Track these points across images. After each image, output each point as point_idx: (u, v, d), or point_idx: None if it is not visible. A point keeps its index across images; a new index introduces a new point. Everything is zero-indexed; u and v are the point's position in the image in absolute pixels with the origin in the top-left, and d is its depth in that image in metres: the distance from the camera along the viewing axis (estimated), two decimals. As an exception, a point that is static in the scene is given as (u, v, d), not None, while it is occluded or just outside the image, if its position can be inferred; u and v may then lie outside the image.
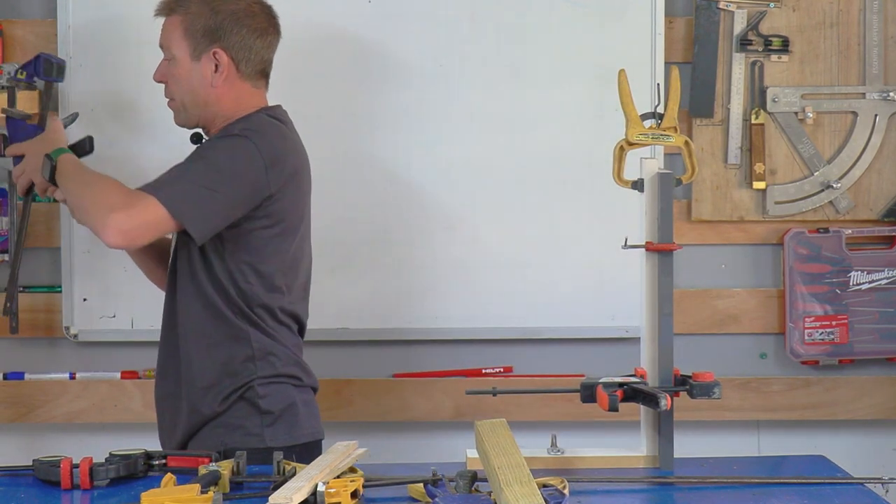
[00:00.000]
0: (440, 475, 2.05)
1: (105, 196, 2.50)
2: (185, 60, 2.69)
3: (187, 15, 2.68)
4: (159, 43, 2.74)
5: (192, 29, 2.67)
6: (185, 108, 2.71)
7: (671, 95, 2.29)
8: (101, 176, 2.60)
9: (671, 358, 2.23)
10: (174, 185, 2.51)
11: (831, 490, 2.11)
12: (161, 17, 2.73)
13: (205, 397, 2.59)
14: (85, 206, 2.53)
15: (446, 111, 3.35)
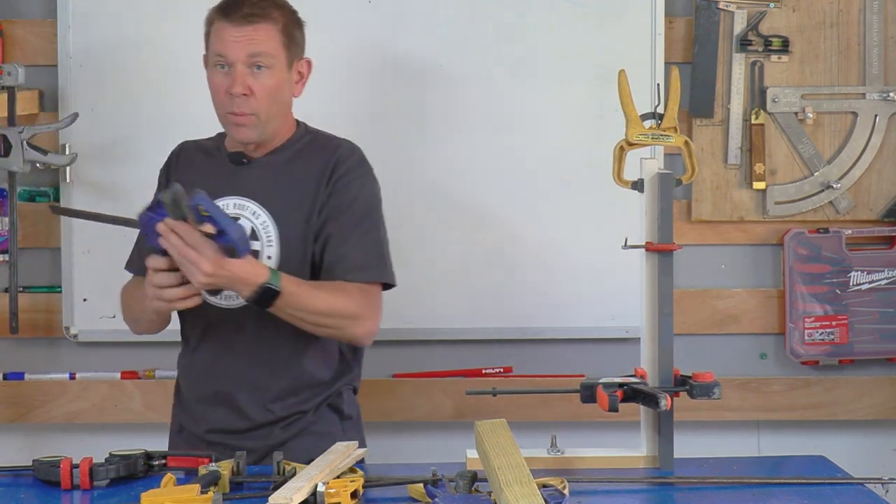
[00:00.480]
0: (440, 475, 2.05)
1: (343, 307, 2.45)
2: (282, 70, 2.53)
3: (283, 22, 2.53)
4: (248, 52, 2.49)
5: (290, 37, 2.54)
6: (266, 122, 2.53)
7: (671, 95, 2.29)
8: (317, 286, 2.45)
9: (671, 358, 2.23)
10: (382, 262, 2.53)
11: (831, 490, 2.11)
12: (246, 24, 2.49)
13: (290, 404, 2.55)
14: (324, 322, 2.44)
15: (446, 111, 3.35)
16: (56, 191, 3.35)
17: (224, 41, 2.49)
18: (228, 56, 2.49)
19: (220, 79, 2.51)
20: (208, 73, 2.56)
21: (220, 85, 2.51)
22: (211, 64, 2.54)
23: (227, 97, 2.49)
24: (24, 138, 3.18)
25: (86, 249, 3.33)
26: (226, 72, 2.49)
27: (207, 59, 2.58)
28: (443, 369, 3.42)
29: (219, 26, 2.52)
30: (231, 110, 2.50)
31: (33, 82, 3.32)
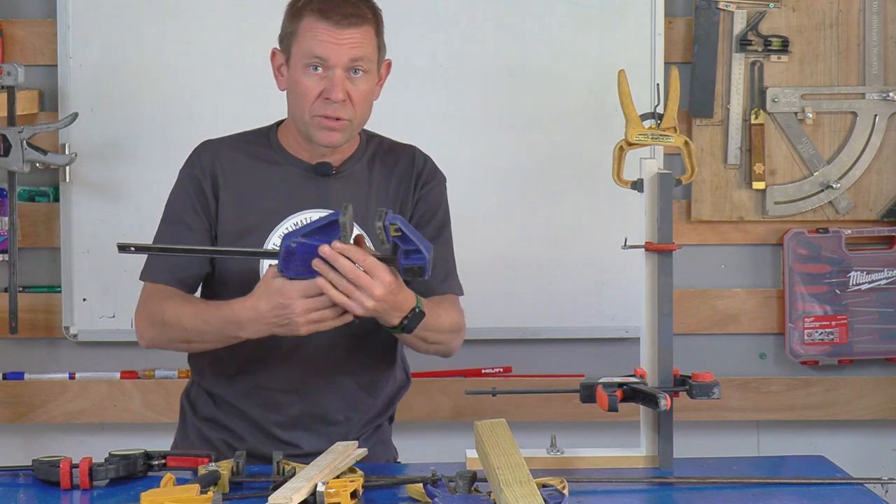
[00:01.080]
0: (440, 475, 2.05)
1: (457, 321, 2.44)
2: (374, 74, 2.40)
3: (377, 23, 2.41)
4: (351, 56, 2.35)
5: (381, 38, 2.42)
6: (356, 127, 2.41)
7: (671, 95, 2.29)
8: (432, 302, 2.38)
9: (671, 358, 2.22)
10: (456, 272, 2.52)
11: (831, 490, 2.11)
12: (349, 26, 2.34)
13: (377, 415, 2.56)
14: (442, 339, 2.41)
15: (446, 111, 3.35)
16: (56, 190, 3.35)
17: (324, 43, 2.33)
18: (329, 59, 2.33)
19: (314, 81, 2.35)
20: (294, 74, 2.37)
21: (313, 88, 2.35)
22: (300, 64, 2.36)
23: (322, 102, 2.35)
24: (23, 138, 3.18)
25: (86, 249, 3.33)
26: (320, 74, 2.34)
27: (291, 56, 2.39)
28: (443, 369, 3.41)
29: (314, 25, 2.34)
30: (323, 114, 2.35)
31: (33, 82, 3.32)
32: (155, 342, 2.41)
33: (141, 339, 2.42)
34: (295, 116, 2.41)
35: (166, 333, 2.37)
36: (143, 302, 2.43)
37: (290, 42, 2.39)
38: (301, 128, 2.40)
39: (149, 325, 2.39)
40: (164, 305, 2.36)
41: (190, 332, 2.33)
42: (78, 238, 3.32)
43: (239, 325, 2.25)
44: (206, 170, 2.44)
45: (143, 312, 2.41)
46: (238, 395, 2.45)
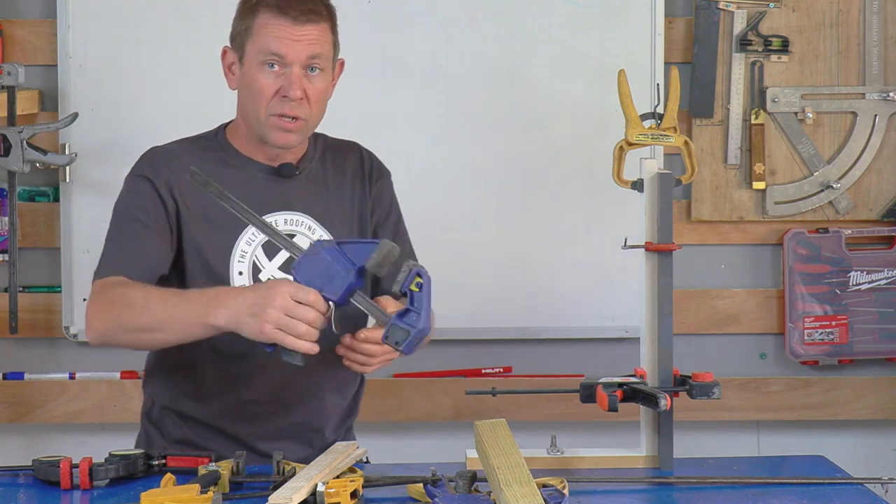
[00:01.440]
0: (440, 475, 2.05)
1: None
2: (330, 72, 2.37)
3: (332, 20, 2.37)
4: (309, 53, 2.31)
5: (336, 35, 2.38)
6: (311, 127, 2.38)
7: (671, 95, 2.29)
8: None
9: (671, 358, 2.22)
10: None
11: (831, 490, 2.11)
12: (306, 22, 2.30)
13: (348, 416, 2.54)
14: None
15: (446, 111, 3.35)
16: (56, 190, 3.35)
17: (281, 40, 2.28)
18: (287, 56, 2.29)
19: (270, 79, 2.30)
20: (249, 71, 2.33)
21: (269, 86, 2.30)
22: (255, 62, 2.31)
23: (278, 100, 2.30)
24: (23, 138, 3.18)
25: (86, 249, 3.33)
26: (277, 72, 2.30)
27: (245, 54, 2.33)
28: (443, 369, 3.41)
29: (270, 21, 2.29)
30: (280, 113, 2.31)
31: (33, 82, 3.32)
32: (107, 335, 2.21)
33: (91, 331, 2.23)
34: (248, 116, 2.36)
35: (125, 320, 2.18)
36: (97, 293, 2.25)
37: (243, 39, 2.33)
38: (255, 128, 2.35)
39: (104, 313, 2.21)
40: (129, 289, 2.21)
41: (156, 315, 2.16)
42: (78, 238, 3.32)
43: (214, 310, 2.09)
44: (162, 179, 2.36)
45: (98, 302, 2.23)
46: (217, 413, 2.37)
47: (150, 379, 2.46)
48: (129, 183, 2.40)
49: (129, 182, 2.40)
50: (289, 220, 2.38)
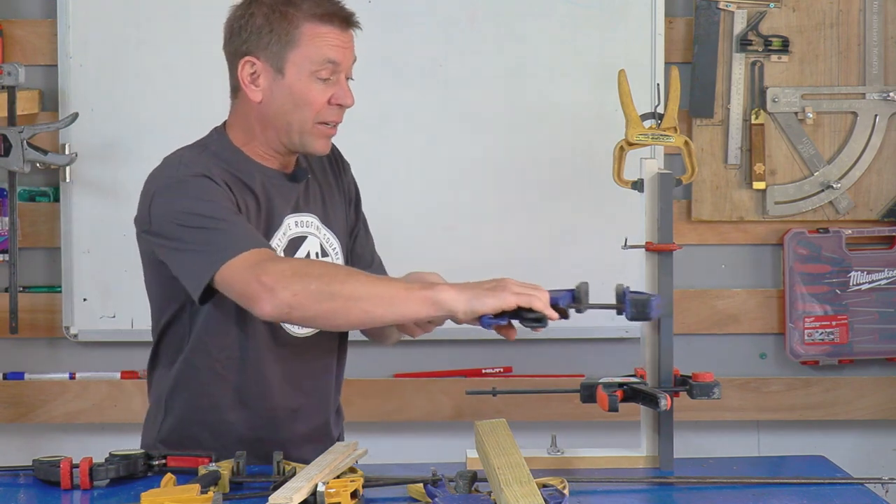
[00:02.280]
0: (440, 475, 2.05)
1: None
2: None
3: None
4: (352, 59, 2.34)
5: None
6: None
7: (671, 95, 2.29)
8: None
9: (671, 358, 2.22)
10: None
11: (831, 490, 2.11)
12: (349, 28, 2.32)
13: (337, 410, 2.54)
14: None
15: (446, 111, 3.35)
16: (56, 190, 3.35)
17: (336, 48, 2.28)
18: (342, 64, 2.29)
19: (321, 88, 2.28)
20: (294, 82, 2.27)
21: (321, 94, 2.28)
22: (304, 71, 2.27)
23: (330, 108, 2.29)
24: (24, 138, 3.18)
25: (86, 249, 3.33)
26: (326, 81, 2.28)
27: (288, 64, 2.27)
28: (443, 369, 3.41)
29: (320, 31, 2.27)
30: (328, 120, 2.30)
31: (33, 82, 3.32)
32: (295, 304, 2.07)
33: (275, 297, 2.06)
34: (286, 126, 2.30)
35: (324, 287, 2.06)
36: (261, 262, 2.10)
37: (282, 49, 2.27)
38: (291, 137, 2.31)
39: (288, 282, 2.07)
40: (315, 261, 2.24)
41: (364, 285, 2.09)
42: (78, 238, 3.33)
43: (437, 287, 2.12)
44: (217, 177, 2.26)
45: (278, 267, 2.09)
46: (243, 421, 2.35)
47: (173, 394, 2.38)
48: (188, 186, 2.23)
49: (186, 186, 2.23)
50: (299, 221, 2.37)
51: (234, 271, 2.12)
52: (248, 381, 2.33)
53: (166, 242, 2.22)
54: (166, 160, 2.33)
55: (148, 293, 2.40)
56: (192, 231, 2.18)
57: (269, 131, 2.32)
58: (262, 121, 2.32)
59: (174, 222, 2.20)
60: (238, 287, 2.11)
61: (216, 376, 2.33)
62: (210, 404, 2.34)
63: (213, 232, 2.16)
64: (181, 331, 2.34)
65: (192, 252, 2.17)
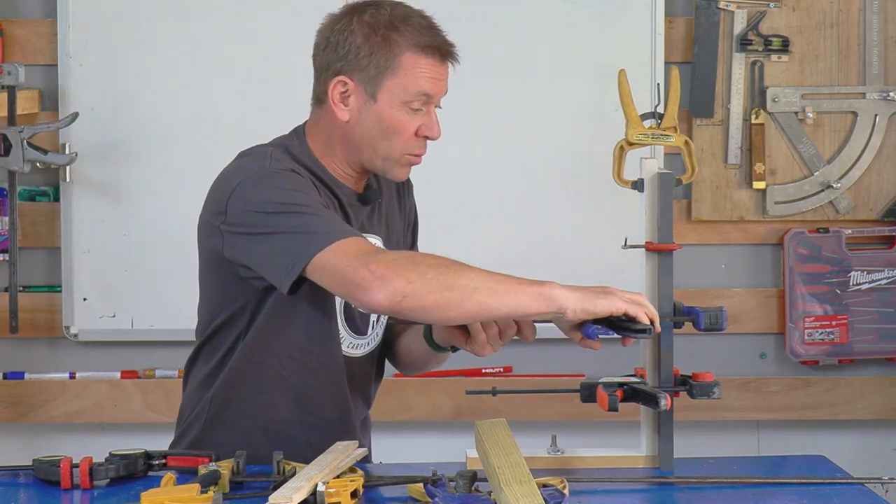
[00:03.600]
0: (440, 475, 2.05)
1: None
2: None
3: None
4: (444, 93, 2.31)
5: None
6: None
7: (671, 95, 2.29)
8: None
9: (671, 358, 2.22)
10: None
11: (831, 490, 2.11)
12: (447, 60, 2.29)
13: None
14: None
15: (446, 111, 3.34)
16: (56, 190, 3.35)
17: (433, 80, 2.25)
18: (436, 97, 2.27)
19: (412, 118, 2.24)
20: (386, 109, 2.23)
21: (411, 125, 2.24)
22: (398, 100, 2.23)
23: (417, 140, 2.26)
24: (24, 138, 3.18)
25: (86, 249, 3.33)
26: (417, 111, 2.25)
27: (382, 90, 2.23)
28: (443, 369, 3.41)
29: (423, 62, 2.24)
30: (416, 152, 2.27)
31: (33, 82, 3.32)
32: (409, 289, 2.02)
33: (389, 286, 2.01)
34: (370, 151, 2.26)
35: (439, 277, 2.03)
36: (369, 252, 2.06)
37: (380, 75, 2.23)
38: (375, 162, 2.27)
39: (401, 270, 2.02)
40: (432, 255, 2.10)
41: (479, 274, 2.07)
42: (78, 238, 3.33)
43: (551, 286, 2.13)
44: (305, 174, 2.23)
45: (389, 257, 2.06)
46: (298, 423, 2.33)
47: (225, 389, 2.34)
48: (277, 178, 2.17)
49: (275, 178, 2.17)
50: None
51: (338, 257, 2.05)
52: (308, 386, 2.31)
53: (245, 234, 2.15)
54: (248, 155, 2.27)
55: (201, 291, 2.34)
56: (283, 217, 2.11)
57: (351, 151, 2.27)
58: (344, 140, 2.27)
59: (258, 211, 2.13)
60: (343, 274, 2.04)
61: (276, 374, 2.29)
62: (266, 401, 2.30)
63: (308, 217, 2.10)
64: (237, 329, 2.29)
65: (282, 238, 2.10)
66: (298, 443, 2.31)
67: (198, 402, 2.37)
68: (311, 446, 2.30)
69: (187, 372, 2.41)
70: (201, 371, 2.37)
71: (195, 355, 2.39)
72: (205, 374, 2.36)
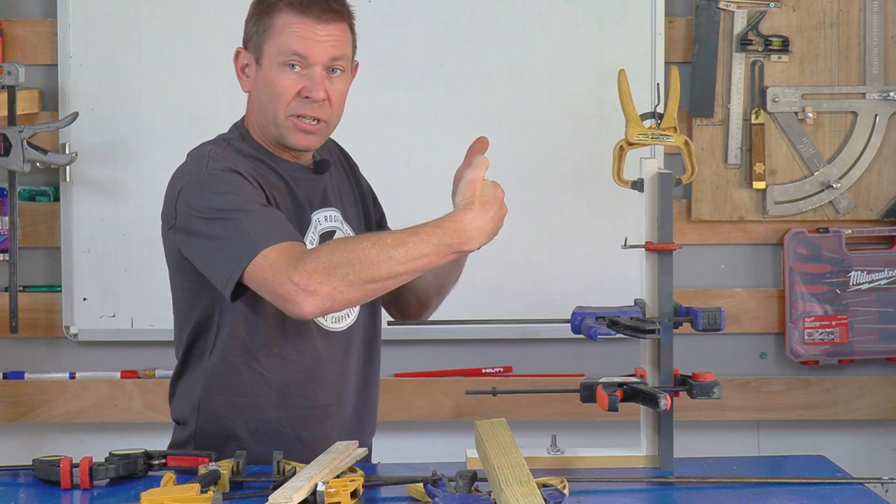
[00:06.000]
0: (440, 475, 2.05)
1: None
2: (349, 73, 2.35)
3: (351, 20, 2.35)
4: (331, 55, 2.28)
5: (354, 37, 2.37)
6: (330, 129, 2.34)
7: (671, 95, 2.29)
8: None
9: (671, 358, 2.22)
10: None
11: (831, 490, 2.11)
12: (329, 22, 2.28)
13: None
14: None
15: (446, 111, 3.35)
16: (56, 190, 3.35)
17: (304, 39, 2.25)
18: (311, 57, 2.25)
19: (291, 80, 2.26)
20: (268, 72, 2.27)
21: (290, 86, 2.26)
22: (275, 62, 2.26)
23: (299, 101, 2.27)
24: (24, 138, 3.18)
25: (86, 249, 3.33)
26: (298, 73, 2.26)
27: (264, 54, 2.28)
28: (443, 369, 3.41)
29: (292, 21, 2.25)
30: (300, 114, 2.27)
31: (33, 82, 3.32)
32: (333, 297, 2.08)
33: (313, 298, 2.08)
34: (265, 118, 2.31)
35: (361, 274, 2.08)
36: (291, 260, 2.09)
37: (261, 39, 2.29)
38: (272, 131, 2.31)
39: (326, 276, 2.07)
40: (345, 246, 2.12)
41: (399, 260, 2.09)
42: (78, 238, 3.33)
43: (468, 239, 2.14)
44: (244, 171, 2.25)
45: (308, 268, 2.08)
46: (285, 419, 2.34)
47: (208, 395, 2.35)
48: (215, 181, 2.21)
49: (213, 181, 2.21)
50: (327, 216, 2.37)
51: (264, 270, 2.11)
52: (290, 378, 2.31)
53: (193, 239, 2.21)
54: (191, 155, 2.32)
55: (173, 295, 2.36)
56: (220, 224, 2.16)
57: (261, 123, 2.34)
58: (254, 113, 2.35)
59: (201, 217, 2.18)
60: (272, 288, 2.11)
61: (256, 375, 2.31)
62: (251, 403, 2.32)
63: (242, 224, 2.14)
64: (211, 331, 2.31)
65: (219, 248, 2.16)
66: (289, 438, 2.32)
67: (187, 414, 2.37)
68: (300, 439, 2.31)
69: (173, 387, 2.42)
70: (186, 384, 2.38)
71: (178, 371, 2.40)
72: (189, 387, 2.37)
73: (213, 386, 2.33)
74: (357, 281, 2.09)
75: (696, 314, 2.18)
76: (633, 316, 2.17)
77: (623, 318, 2.16)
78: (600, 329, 2.14)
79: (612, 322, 2.16)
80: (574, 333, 2.19)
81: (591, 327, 2.14)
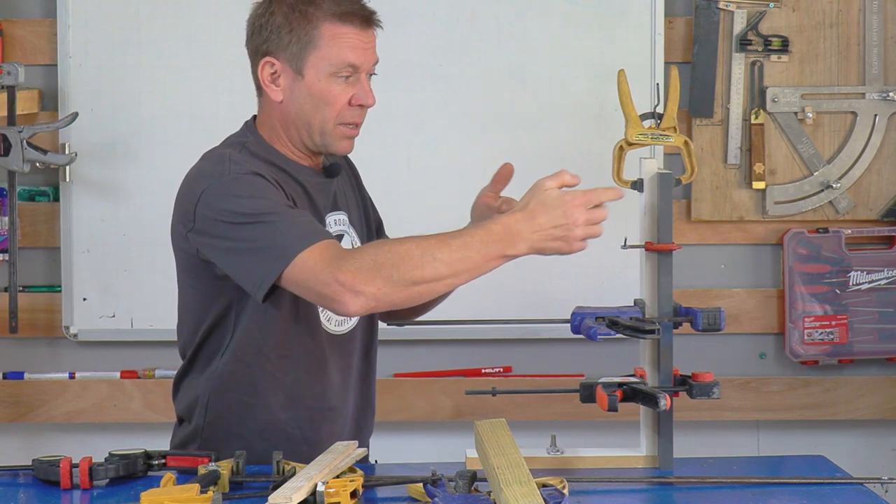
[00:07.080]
0: (440, 475, 2.05)
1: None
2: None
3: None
4: (374, 60, 2.29)
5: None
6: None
7: (671, 95, 2.29)
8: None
9: (671, 358, 2.22)
10: None
11: (831, 490, 2.11)
12: (370, 28, 2.28)
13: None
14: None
15: (446, 111, 3.35)
16: (56, 190, 3.35)
17: (357, 50, 2.24)
18: (362, 65, 2.26)
19: (342, 88, 2.25)
20: (314, 82, 2.26)
21: (342, 95, 2.26)
22: (324, 73, 2.25)
23: (351, 109, 2.27)
24: (23, 138, 3.18)
25: (85, 249, 3.33)
26: (347, 81, 2.26)
27: (307, 64, 2.26)
28: (443, 369, 3.41)
29: (342, 32, 2.24)
30: (349, 121, 2.28)
31: (33, 82, 3.32)
32: (379, 297, 2.08)
33: (359, 299, 2.07)
34: (309, 126, 2.29)
35: (405, 275, 2.07)
36: (333, 260, 2.09)
37: (303, 51, 2.25)
38: (314, 138, 2.30)
39: (369, 276, 2.06)
40: (388, 247, 2.13)
41: (445, 262, 2.09)
42: (78, 238, 3.33)
43: (512, 242, 2.13)
44: (266, 173, 2.23)
45: (350, 268, 2.07)
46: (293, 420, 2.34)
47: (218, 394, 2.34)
48: (240, 184, 2.19)
49: (238, 184, 2.19)
50: (337, 219, 2.37)
51: (305, 273, 2.10)
52: (300, 380, 2.31)
53: (218, 242, 2.19)
54: (209, 159, 2.29)
55: (183, 295, 2.35)
56: (249, 229, 2.14)
57: (291, 131, 2.31)
58: (284, 121, 2.31)
59: (226, 221, 2.17)
60: (315, 289, 2.10)
61: (268, 375, 2.30)
62: (260, 403, 2.31)
63: (275, 226, 2.13)
64: (225, 331, 2.30)
65: (251, 251, 2.14)
66: (296, 439, 2.32)
67: (193, 414, 2.36)
68: (306, 440, 2.31)
69: (177, 386, 2.40)
70: (193, 382, 2.36)
71: (185, 369, 2.38)
72: (197, 385, 2.35)
73: (223, 385, 2.32)
74: (401, 282, 2.08)
75: (695, 314, 2.18)
76: (632, 316, 2.17)
77: (623, 319, 2.16)
78: (600, 329, 2.14)
79: (611, 322, 2.16)
80: (574, 333, 2.18)
81: (591, 327, 2.14)
